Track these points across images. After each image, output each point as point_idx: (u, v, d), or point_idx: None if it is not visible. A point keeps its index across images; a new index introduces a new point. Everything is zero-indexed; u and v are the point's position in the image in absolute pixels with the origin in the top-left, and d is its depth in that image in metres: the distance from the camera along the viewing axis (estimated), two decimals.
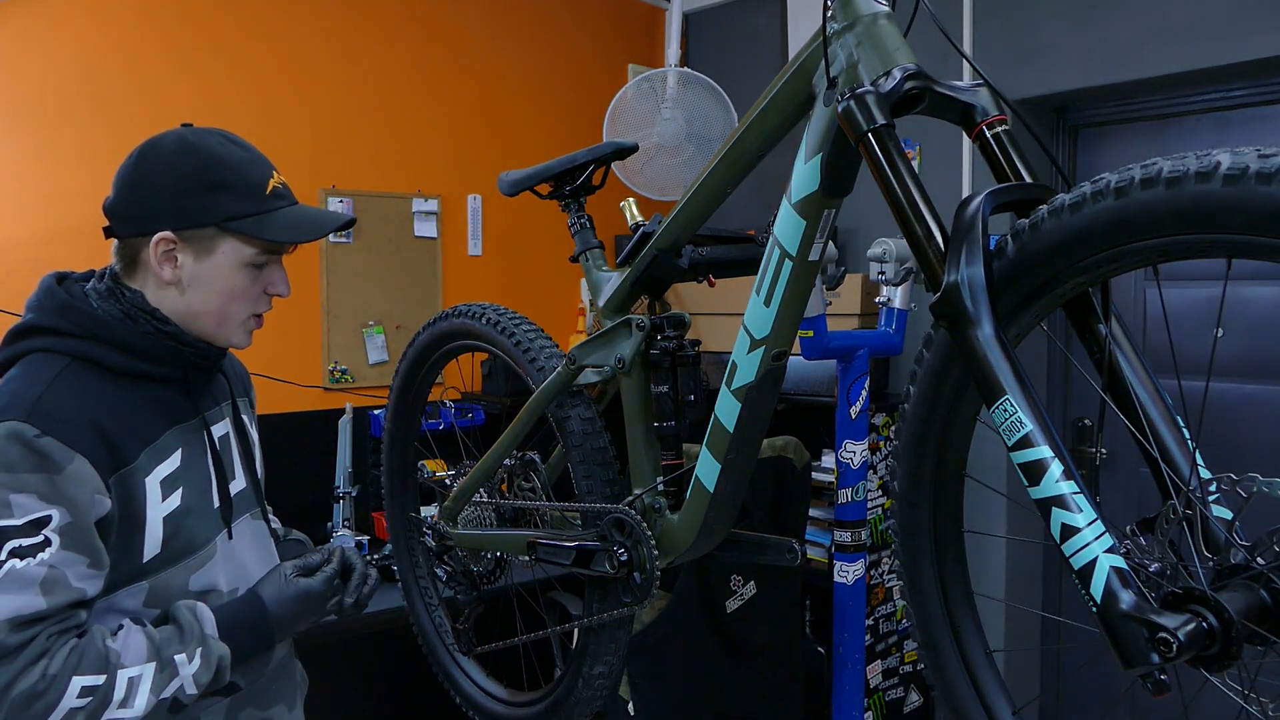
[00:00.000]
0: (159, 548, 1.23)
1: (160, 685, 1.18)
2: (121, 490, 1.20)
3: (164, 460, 1.26)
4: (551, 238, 3.59)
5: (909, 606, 1.18)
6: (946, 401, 1.10)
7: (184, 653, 1.20)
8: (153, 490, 1.23)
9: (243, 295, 1.31)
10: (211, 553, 1.30)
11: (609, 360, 1.55)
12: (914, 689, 3.10)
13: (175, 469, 1.27)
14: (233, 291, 1.30)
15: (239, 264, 1.28)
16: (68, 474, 1.14)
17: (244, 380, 1.56)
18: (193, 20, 2.94)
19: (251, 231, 1.27)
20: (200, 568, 1.28)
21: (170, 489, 1.25)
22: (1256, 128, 2.75)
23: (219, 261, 1.28)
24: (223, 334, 1.32)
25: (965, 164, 3.06)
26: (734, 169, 1.38)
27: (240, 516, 1.37)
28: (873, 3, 1.13)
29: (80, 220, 2.76)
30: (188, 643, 1.21)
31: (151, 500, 1.22)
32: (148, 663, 1.18)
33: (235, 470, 1.38)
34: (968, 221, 0.96)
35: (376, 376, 3.32)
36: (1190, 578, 0.88)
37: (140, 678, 1.17)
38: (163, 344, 1.28)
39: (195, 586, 1.27)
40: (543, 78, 3.73)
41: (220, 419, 1.39)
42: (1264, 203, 0.77)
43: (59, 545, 1.14)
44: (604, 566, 1.53)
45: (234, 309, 1.31)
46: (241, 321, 1.33)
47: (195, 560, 1.27)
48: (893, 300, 2.35)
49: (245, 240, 1.28)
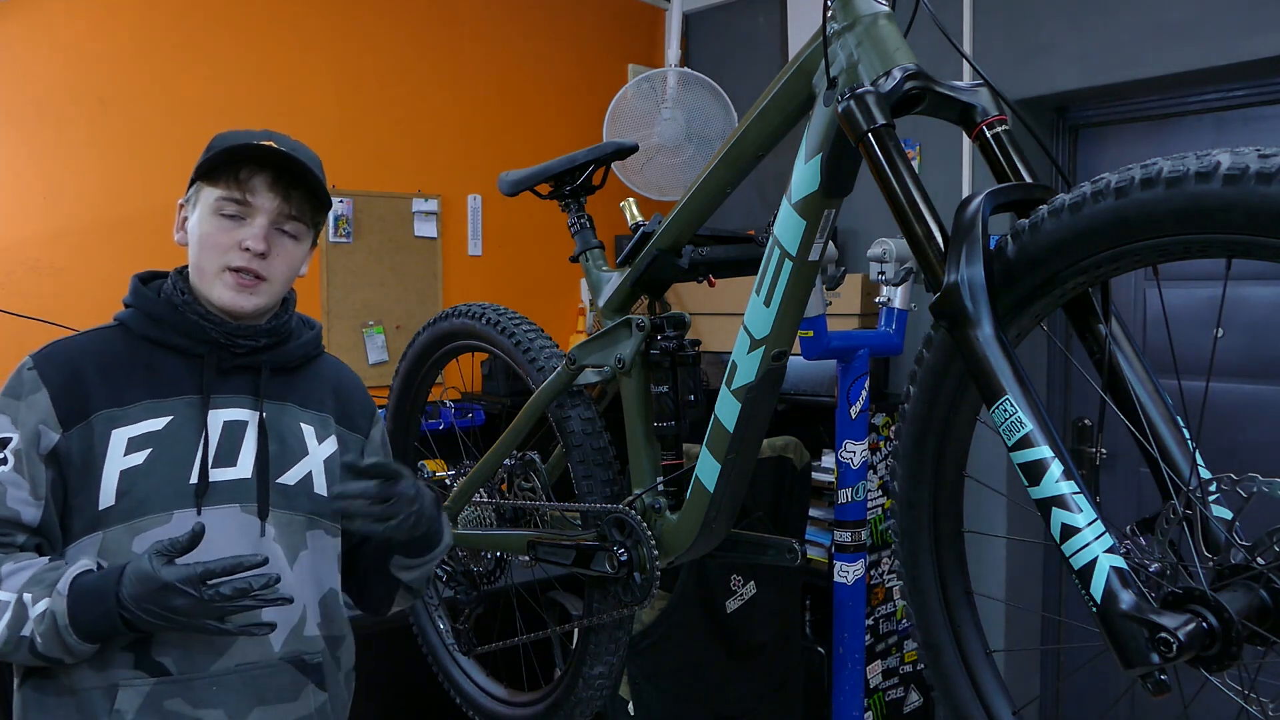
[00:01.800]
0: (113, 499, 1.26)
1: (15, 621, 1.19)
2: (85, 434, 1.26)
3: (144, 420, 1.29)
4: (551, 238, 3.59)
5: (909, 606, 1.18)
6: (946, 401, 1.10)
7: (33, 595, 1.20)
8: (117, 442, 1.27)
9: (211, 243, 1.32)
10: (163, 521, 1.26)
11: (609, 360, 1.55)
12: (914, 689, 3.10)
13: (153, 431, 1.29)
14: (203, 239, 1.32)
15: (209, 210, 1.32)
16: (27, 401, 1.26)
17: (350, 405, 1.48)
18: (192, 21, 2.94)
19: (205, 170, 1.31)
20: (144, 531, 1.25)
21: (137, 447, 1.28)
22: (1256, 128, 2.75)
23: (199, 213, 1.34)
24: (205, 287, 1.33)
25: (965, 164, 3.06)
26: (734, 169, 1.38)
27: (225, 504, 1.30)
28: (873, 3, 1.13)
29: (80, 220, 2.76)
30: (43, 587, 1.20)
31: (114, 452, 1.27)
32: (14, 594, 1.20)
33: (239, 459, 1.34)
34: (968, 221, 0.96)
35: (376, 376, 3.32)
36: (1190, 578, 0.88)
37: (7, 605, 1.19)
38: (185, 316, 1.33)
39: (138, 549, 1.24)
40: (543, 78, 3.73)
41: (238, 406, 1.35)
42: (1264, 203, 0.77)
43: (11, 465, 1.24)
44: (604, 567, 1.53)
45: (206, 259, 1.32)
46: (215, 273, 1.32)
47: (143, 523, 1.26)
48: (893, 300, 2.35)
49: (209, 183, 1.32)
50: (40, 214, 2.73)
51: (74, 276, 2.75)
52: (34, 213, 2.72)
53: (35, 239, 2.72)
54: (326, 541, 1.41)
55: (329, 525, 1.41)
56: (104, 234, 2.76)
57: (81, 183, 2.77)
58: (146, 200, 2.81)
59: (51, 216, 2.74)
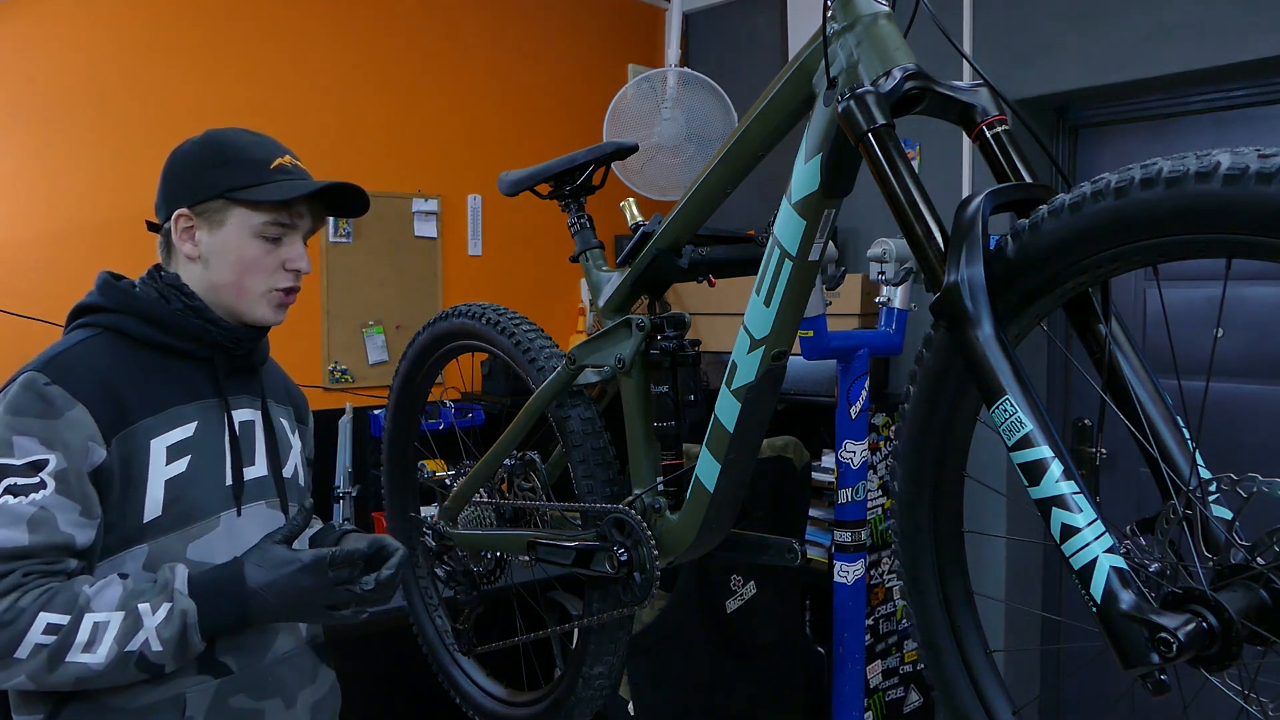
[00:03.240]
0: (159, 510, 1.25)
1: (125, 635, 1.17)
2: (125, 447, 1.23)
3: (176, 427, 1.29)
4: (551, 238, 3.59)
5: (909, 606, 1.18)
6: (946, 401, 1.09)
7: (148, 603, 1.19)
8: (158, 452, 1.26)
9: (257, 266, 1.34)
10: (212, 525, 1.30)
11: (609, 360, 1.55)
12: (914, 689, 3.10)
13: (186, 438, 1.30)
14: (245, 262, 1.34)
15: (248, 233, 1.34)
16: (66, 419, 1.20)
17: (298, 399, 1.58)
18: (194, 21, 2.94)
19: (252, 198, 1.32)
20: (199, 538, 1.28)
21: (177, 455, 1.28)
22: (1256, 128, 2.75)
23: (230, 232, 1.34)
24: (244, 306, 1.36)
25: (965, 164, 3.06)
26: (734, 169, 1.38)
27: (254, 502, 1.37)
28: (873, 3, 1.13)
29: (82, 220, 2.76)
30: (155, 594, 1.20)
31: (155, 462, 1.26)
32: (116, 611, 1.18)
33: (256, 457, 1.39)
34: (968, 221, 0.96)
35: (376, 376, 3.32)
36: (1190, 578, 0.88)
37: (107, 624, 1.17)
38: (190, 320, 1.33)
39: (192, 556, 1.27)
40: (543, 78, 3.73)
41: (247, 406, 1.41)
42: (1264, 203, 0.77)
43: (53, 489, 1.18)
44: (604, 567, 1.53)
45: (250, 281, 1.35)
46: (261, 294, 1.36)
47: (195, 529, 1.28)
48: (893, 300, 2.35)
49: (251, 208, 1.33)
50: (41, 214, 2.73)
51: (75, 277, 2.74)
52: (34, 213, 2.72)
53: (36, 239, 2.72)
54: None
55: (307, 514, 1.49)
56: (104, 234, 2.76)
57: (82, 183, 2.77)
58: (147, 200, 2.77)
59: (52, 217, 2.74)
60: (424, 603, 2.07)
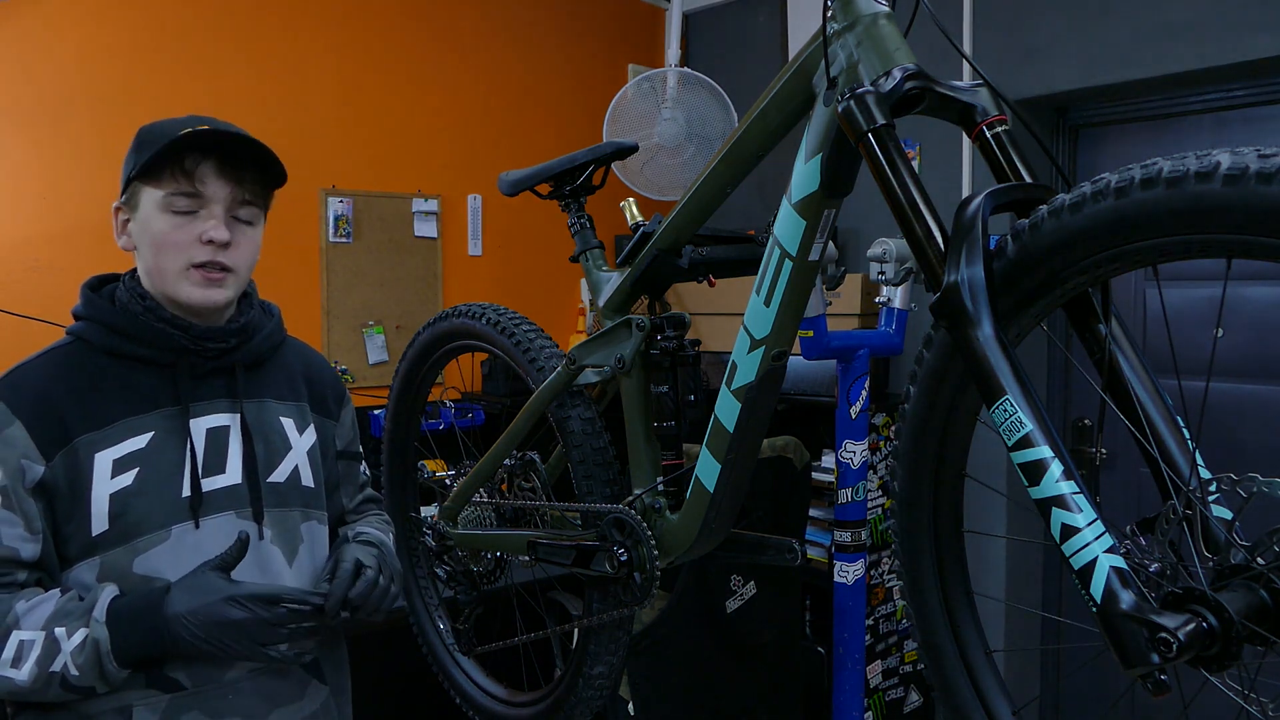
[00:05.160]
0: (106, 524, 1.23)
1: (45, 657, 1.16)
2: (68, 461, 1.22)
3: (124, 440, 1.25)
4: (551, 238, 3.59)
5: (909, 606, 1.18)
6: (946, 401, 1.10)
7: (65, 627, 1.17)
8: (101, 466, 1.23)
9: (167, 242, 1.26)
10: (161, 539, 1.25)
11: (609, 360, 1.55)
12: (914, 689, 3.10)
13: (136, 450, 1.25)
14: (157, 239, 1.27)
15: (157, 209, 1.26)
16: (3, 436, 1.20)
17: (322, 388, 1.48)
18: (194, 21, 2.94)
19: (149, 169, 1.25)
20: (144, 552, 1.24)
21: (124, 468, 1.24)
22: (1256, 128, 2.75)
23: (144, 213, 1.28)
24: (169, 288, 1.28)
25: (965, 164, 3.06)
26: (734, 169, 1.38)
27: (219, 513, 1.29)
28: (873, 3, 1.13)
29: (80, 220, 2.76)
30: (75, 618, 1.18)
31: (99, 476, 1.23)
32: (39, 631, 1.17)
33: (227, 465, 1.32)
34: (968, 221, 0.96)
35: (376, 376, 3.32)
36: (1190, 578, 0.88)
37: (32, 644, 1.16)
38: (150, 324, 1.29)
39: (140, 570, 1.23)
40: (543, 78, 3.73)
41: (218, 411, 1.33)
42: (1264, 203, 0.77)
43: None
44: (604, 567, 1.53)
45: (165, 259, 1.27)
46: (179, 272, 1.27)
47: (140, 543, 1.24)
48: (893, 300, 2.35)
49: (153, 183, 1.26)
50: (41, 214, 2.73)
51: (74, 276, 2.72)
52: (35, 213, 2.73)
53: (36, 239, 2.72)
54: (319, 531, 1.41)
55: (319, 515, 1.42)
56: (105, 234, 2.73)
57: (82, 183, 2.77)
58: None
59: (52, 217, 2.74)
60: (424, 603, 2.07)
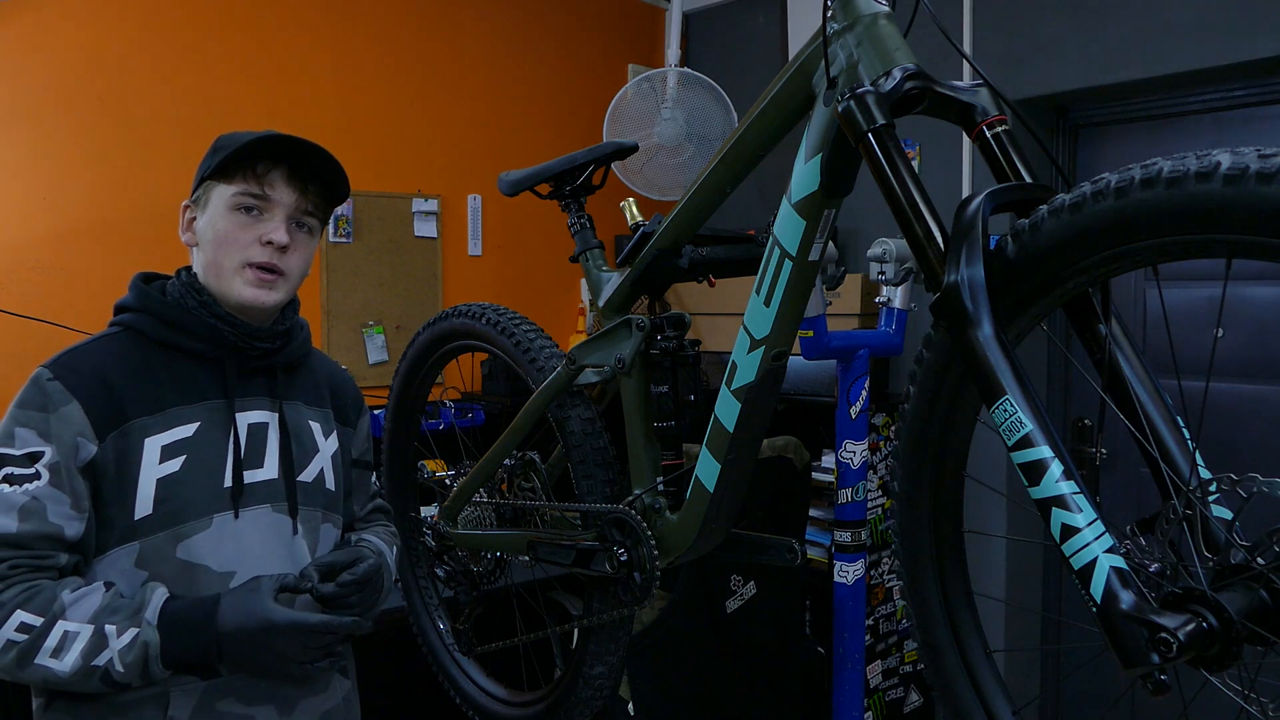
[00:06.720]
0: (150, 508, 1.26)
1: (90, 651, 1.18)
2: (120, 444, 1.25)
3: (174, 427, 1.29)
4: (551, 238, 3.59)
5: (909, 606, 1.18)
6: (946, 401, 1.09)
7: (115, 625, 1.19)
8: (151, 451, 1.27)
9: (230, 239, 1.32)
10: (203, 526, 1.28)
11: (609, 360, 1.55)
12: (914, 689, 3.10)
13: (184, 438, 1.30)
14: (220, 237, 1.32)
15: (224, 207, 1.32)
16: (60, 414, 1.23)
17: (344, 398, 1.55)
18: (191, 20, 2.94)
19: (222, 168, 1.31)
20: (188, 538, 1.27)
21: (171, 455, 1.28)
22: (1256, 128, 2.75)
23: (211, 210, 1.33)
24: (224, 285, 1.33)
25: (965, 164, 3.06)
26: (734, 169, 1.38)
27: (257, 505, 1.34)
28: (873, 3, 1.13)
29: (84, 220, 2.76)
30: (124, 617, 1.20)
31: (148, 460, 1.26)
32: (87, 624, 1.19)
33: (266, 460, 1.37)
34: (968, 221, 0.96)
35: (376, 376, 3.32)
36: (1190, 578, 0.88)
37: (76, 635, 1.18)
38: (203, 319, 1.33)
39: (181, 556, 1.27)
40: (543, 78, 3.73)
41: (260, 409, 1.38)
42: (1264, 203, 0.77)
43: (47, 480, 1.21)
44: (604, 567, 1.53)
45: (224, 255, 1.33)
46: (235, 269, 1.32)
47: (184, 529, 1.27)
48: (893, 300, 2.35)
49: (224, 180, 1.32)
50: (42, 214, 2.73)
51: (76, 276, 2.75)
52: (36, 213, 2.72)
53: (37, 239, 2.72)
54: (333, 534, 1.47)
55: (336, 518, 1.48)
56: (105, 234, 2.76)
57: (83, 182, 2.76)
58: (147, 200, 2.81)
59: (53, 216, 2.74)
60: (424, 603, 2.07)
